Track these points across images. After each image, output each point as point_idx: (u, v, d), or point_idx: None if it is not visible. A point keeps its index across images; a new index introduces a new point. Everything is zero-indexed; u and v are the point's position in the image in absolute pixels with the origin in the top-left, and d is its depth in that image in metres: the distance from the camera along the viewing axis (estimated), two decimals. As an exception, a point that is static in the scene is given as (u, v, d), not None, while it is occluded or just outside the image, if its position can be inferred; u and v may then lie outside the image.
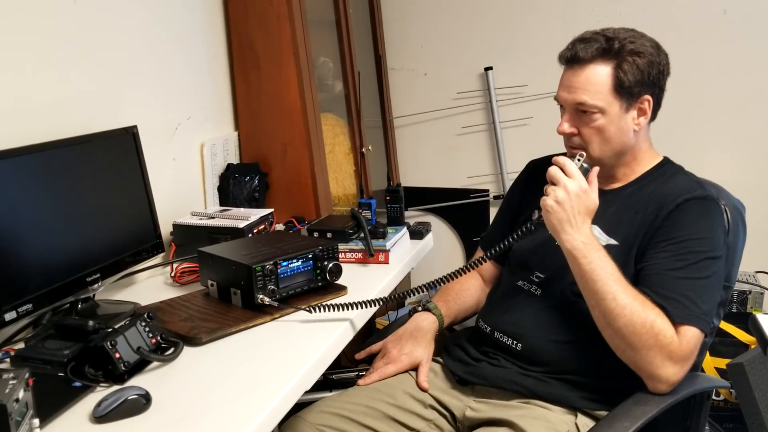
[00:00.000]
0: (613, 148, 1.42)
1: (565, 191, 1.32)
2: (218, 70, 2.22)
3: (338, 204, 2.47)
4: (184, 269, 1.74)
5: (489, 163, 2.97)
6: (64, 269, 1.39)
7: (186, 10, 2.06)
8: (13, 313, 1.25)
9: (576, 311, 1.38)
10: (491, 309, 1.57)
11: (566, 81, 1.42)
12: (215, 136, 2.18)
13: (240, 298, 1.48)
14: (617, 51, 1.38)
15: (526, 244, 1.52)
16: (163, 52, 1.96)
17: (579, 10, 2.69)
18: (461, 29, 2.89)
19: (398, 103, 3.02)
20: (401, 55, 2.99)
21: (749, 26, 2.52)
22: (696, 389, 1.36)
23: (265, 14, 2.15)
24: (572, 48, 1.41)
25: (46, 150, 1.38)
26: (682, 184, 1.42)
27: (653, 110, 1.43)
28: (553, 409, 1.38)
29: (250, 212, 1.91)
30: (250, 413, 1.08)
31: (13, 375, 0.94)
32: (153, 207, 1.69)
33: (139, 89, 1.85)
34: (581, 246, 1.31)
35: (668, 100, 1.47)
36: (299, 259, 1.52)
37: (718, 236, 1.36)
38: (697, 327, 1.27)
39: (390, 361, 1.55)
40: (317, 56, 2.46)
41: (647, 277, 1.33)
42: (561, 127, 1.44)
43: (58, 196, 1.41)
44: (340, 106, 2.63)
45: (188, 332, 1.36)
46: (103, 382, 1.19)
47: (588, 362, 1.38)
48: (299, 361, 1.26)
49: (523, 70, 2.80)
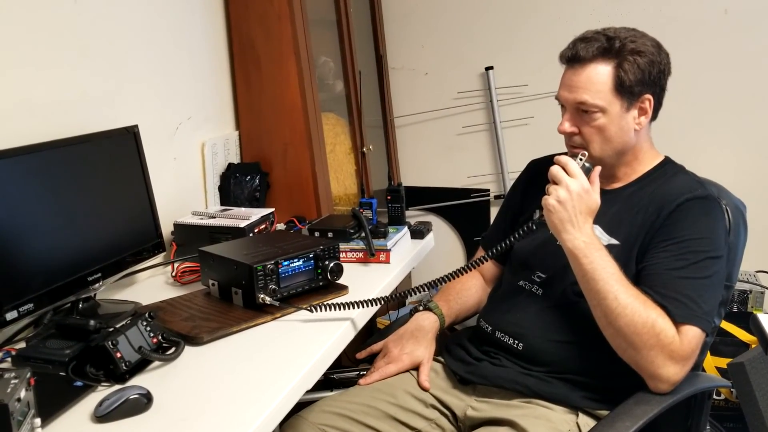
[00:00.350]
0: (614, 147, 1.42)
1: (567, 191, 1.32)
2: (219, 69, 2.22)
3: (339, 204, 2.47)
4: (185, 269, 1.74)
5: (490, 162, 2.97)
6: (65, 269, 1.39)
7: (187, 10, 2.06)
8: (15, 312, 1.24)
9: (577, 311, 1.39)
10: (492, 309, 1.57)
11: (567, 80, 1.42)
12: (216, 135, 2.18)
13: (241, 298, 1.48)
14: (618, 50, 1.38)
15: (528, 243, 1.53)
16: (164, 51, 1.96)
17: (580, 10, 2.69)
18: (462, 29, 2.90)
19: (399, 103, 3.02)
20: (402, 55, 2.99)
21: (750, 26, 2.52)
22: (697, 389, 1.36)
23: (266, 14, 2.16)
24: (573, 47, 1.41)
25: (47, 150, 1.38)
26: (683, 184, 1.42)
27: (654, 110, 1.43)
28: (554, 409, 1.38)
29: (251, 212, 1.91)
30: (251, 413, 1.08)
31: (15, 374, 0.94)
32: (154, 206, 1.69)
33: (139, 89, 1.85)
34: (582, 246, 1.31)
35: (669, 99, 1.47)
36: (300, 258, 1.52)
37: (719, 236, 1.36)
38: (698, 326, 1.27)
39: (391, 361, 1.55)
40: (318, 56, 2.46)
41: (648, 277, 1.33)
42: (562, 127, 1.44)
43: (59, 195, 1.41)
44: (341, 105, 2.63)
45: (189, 332, 1.36)
46: (105, 382, 1.19)
47: (589, 362, 1.38)
48: (300, 361, 1.26)
49: (523, 70, 2.80)
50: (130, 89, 1.81)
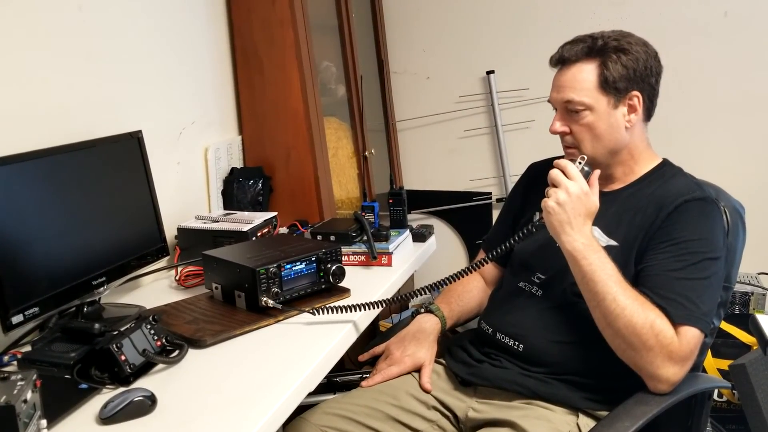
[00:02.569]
0: (605, 145, 1.44)
1: (566, 193, 1.33)
2: (222, 74, 2.24)
3: (341, 207, 2.48)
4: (188, 272, 1.75)
5: (491, 165, 2.98)
6: (70, 273, 1.40)
7: (190, 16, 2.07)
8: (20, 316, 1.25)
9: (577, 312, 1.39)
10: (493, 310, 1.58)
11: (555, 82, 1.47)
12: (219, 140, 2.20)
13: (244, 301, 1.49)
14: (600, 49, 1.41)
15: (528, 245, 1.53)
16: (168, 57, 1.98)
17: (580, 14, 2.70)
18: (463, 33, 2.91)
19: (401, 107, 3.03)
20: (403, 59, 3.00)
21: (750, 28, 2.52)
22: (697, 389, 1.37)
23: (269, 19, 2.17)
24: (560, 51, 1.46)
25: (52, 155, 1.39)
26: (681, 186, 1.43)
27: (647, 109, 1.45)
28: (554, 410, 1.39)
29: (254, 216, 1.92)
30: (253, 414, 1.09)
31: (21, 376, 0.95)
32: (158, 211, 1.70)
33: (143, 94, 1.87)
34: (581, 247, 1.32)
35: (669, 101, 1.48)
36: (303, 261, 1.53)
37: (717, 237, 1.37)
38: (696, 327, 1.28)
39: (393, 363, 1.56)
40: (320, 61, 2.48)
41: (647, 278, 1.34)
42: (553, 126, 1.47)
43: (64, 200, 1.42)
44: (343, 110, 2.64)
45: (193, 335, 1.37)
46: (109, 384, 1.20)
47: (589, 363, 1.39)
48: (303, 363, 1.27)
49: (524, 74, 2.81)
50: (134, 95, 1.83)
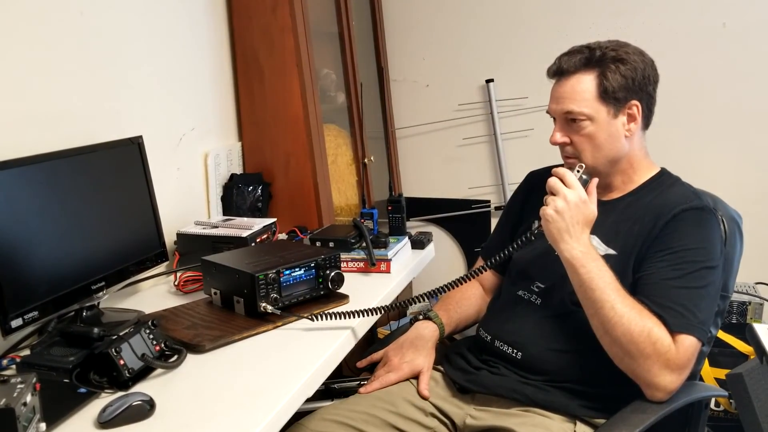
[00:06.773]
0: (606, 155, 1.45)
1: (565, 201, 1.34)
2: (222, 81, 2.25)
3: (340, 214, 2.49)
4: (187, 278, 1.76)
5: (490, 174, 2.99)
6: (69, 277, 1.41)
7: (191, 23, 2.08)
8: (20, 320, 1.26)
9: (575, 320, 1.40)
10: (492, 318, 1.58)
11: (554, 93, 1.48)
12: (219, 146, 2.20)
13: (243, 307, 1.49)
14: (599, 59, 1.42)
15: (527, 254, 1.54)
16: (169, 63, 1.99)
17: (580, 25, 2.72)
18: (463, 42, 2.92)
19: (400, 115, 3.05)
20: (403, 67, 3.02)
21: (748, 39, 2.54)
22: (694, 397, 1.37)
23: (269, 27, 2.18)
24: (557, 62, 1.47)
25: (52, 160, 1.40)
26: (679, 195, 1.44)
27: (645, 118, 1.46)
28: (552, 417, 1.39)
29: (253, 222, 1.93)
30: (251, 420, 1.09)
31: (21, 380, 0.96)
32: (157, 216, 1.70)
33: (144, 100, 1.87)
34: (580, 255, 1.33)
35: (667, 111, 1.49)
36: (302, 267, 1.54)
37: (715, 246, 1.37)
38: (694, 336, 1.28)
39: (391, 370, 1.56)
40: (320, 68, 2.49)
41: (645, 287, 1.34)
42: (553, 137, 1.47)
43: (64, 205, 1.42)
44: (343, 117, 2.65)
45: (192, 340, 1.37)
46: (108, 389, 1.20)
47: (587, 371, 1.39)
48: (301, 369, 1.27)
49: (523, 83, 2.82)
50: (134, 100, 1.84)
